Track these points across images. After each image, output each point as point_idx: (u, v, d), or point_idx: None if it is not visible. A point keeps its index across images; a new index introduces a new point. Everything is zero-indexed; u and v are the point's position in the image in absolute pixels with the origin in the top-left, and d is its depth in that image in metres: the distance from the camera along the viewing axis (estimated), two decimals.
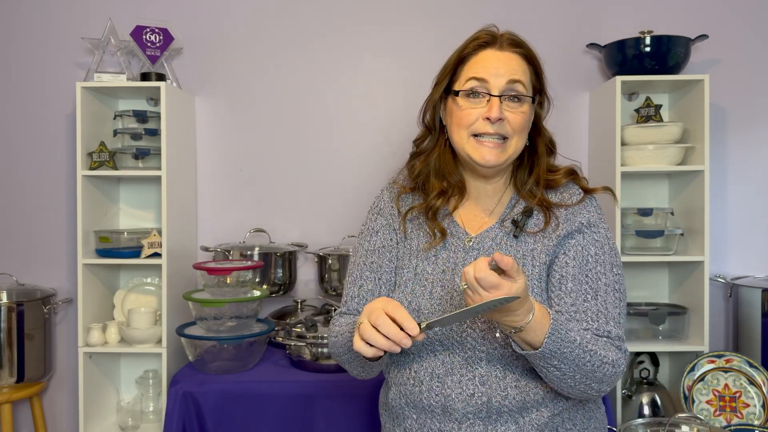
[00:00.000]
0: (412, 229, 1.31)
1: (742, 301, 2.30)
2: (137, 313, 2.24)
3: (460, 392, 1.18)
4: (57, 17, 2.52)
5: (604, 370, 1.13)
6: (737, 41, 2.47)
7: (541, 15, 2.50)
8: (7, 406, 2.26)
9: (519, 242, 1.23)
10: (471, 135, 1.22)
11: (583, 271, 1.20)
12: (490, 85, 1.20)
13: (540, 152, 1.29)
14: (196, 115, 2.53)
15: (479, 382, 1.18)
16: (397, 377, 1.27)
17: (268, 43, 2.53)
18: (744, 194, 2.49)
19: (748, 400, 2.07)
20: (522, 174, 1.30)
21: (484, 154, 1.21)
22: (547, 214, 1.24)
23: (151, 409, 2.37)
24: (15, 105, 2.53)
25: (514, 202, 1.29)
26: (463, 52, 1.26)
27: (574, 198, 1.27)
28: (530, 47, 1.27)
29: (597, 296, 1.18)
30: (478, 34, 1.26)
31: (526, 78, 1.23)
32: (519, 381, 1.18)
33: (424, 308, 1.21)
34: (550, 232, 1.23)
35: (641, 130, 2.26)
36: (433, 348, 1.21)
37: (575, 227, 1.22)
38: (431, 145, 1.32)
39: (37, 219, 2.53)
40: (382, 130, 2.50)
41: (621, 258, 1.70)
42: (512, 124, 1.21)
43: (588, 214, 1.25)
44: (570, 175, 1.30)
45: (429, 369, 1.21)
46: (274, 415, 1.88)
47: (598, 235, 1.23)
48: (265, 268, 2.34)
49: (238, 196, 2.54)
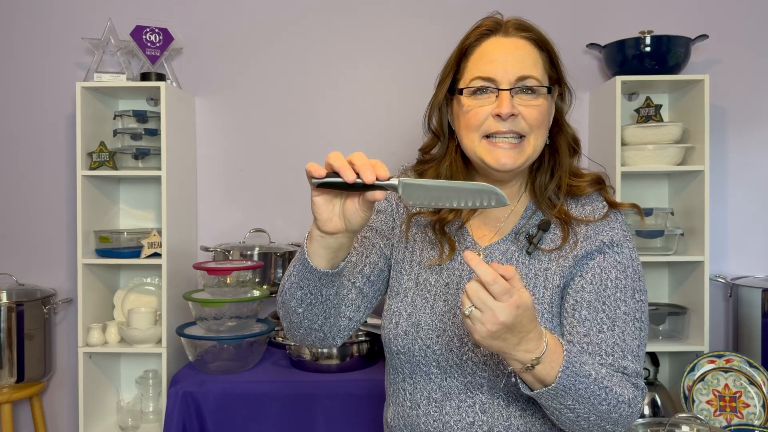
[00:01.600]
0: (417, 236, 1.17)
1: (742, 301, 2.30)
2: (137, 313, 2.24)
3: (459, 420, 1.07)
4: (57, 17, 2.52)
5: (620, 410, 0.99)
6: (737, 41, 2.47)
7: (540, 15, 2.48)
8: (7, 406, 2.26)
9: (532, 259, 1.09)
10: (482, 137, 1.06)
11: (600, 297, 1.05)
12: (498, 80, 1.05)
13: (562, 152, 1.12)
14: (196, 115, 2.53)
15: (480, 410, 1.06)
16: (394, 396, 1.17)
17: (269, 43, 2.53)
18: (744, 194, 2.49)
19: (748, 400, 2.07)
20: (542, 177, 1.13)
21: (499, 157, 1.05)
22: (566, 229, 1.09)
23: (151, 409, 2.37)
24: (15, 105, 2.53)
25: (531, 212, 1.13)
26: (464, 44, 1.11)
27: (597, 213, 1.11)
28: (541, 31, 1.13)
29: (614, 327, 1.04)
30: (480, 22, 1.12)
31: (539, 68, 1.08)
32: (524, 411, 1.06)
33: (424, 323, 1.09)
34: (567, 251, 1.08)
35: (641, 130, 2.26)
36: (429, 370, 1.09)
37: (596, 246, 1.07)
38: (441, 153, 1.17)
39: (37, 219, 2.53)
40: (382, 129, 2.50)
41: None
42: (528, 119, 1.05)
43: (612, 232, 1.09)
44: (597, 184, 1.13)
45: (425, 392, 1.10)
46: (274, 415, 1.88)
47: (621, 256, 1.07)
48: (265, 268, 2.34)
49: (238, 196, 2.54)
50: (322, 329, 1.10)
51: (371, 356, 2.01)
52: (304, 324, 1.08)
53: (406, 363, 1.11)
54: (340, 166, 0.89)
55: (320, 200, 0.94)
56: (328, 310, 1.07)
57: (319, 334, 1.11)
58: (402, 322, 1.11)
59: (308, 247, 0.99)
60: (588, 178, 1.13)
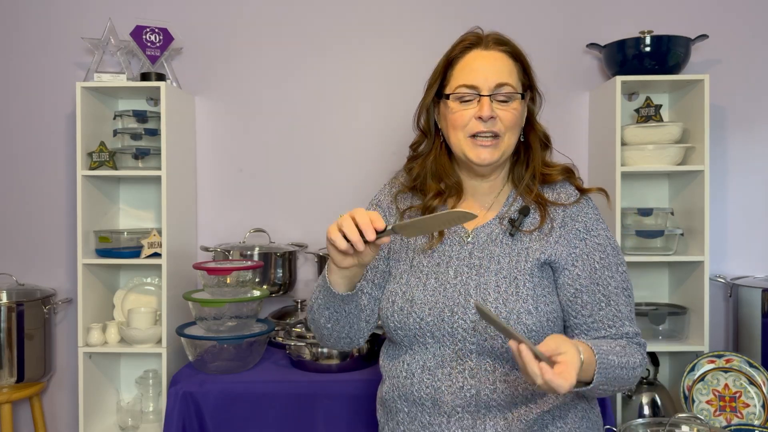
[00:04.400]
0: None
1: (742, 301, 2.30)
2: (137, 313, 2.24)
3: (450, 384, 1.20)
4: (57, 17, 2.52)
5: (635, 372, 1.19)
6: (737, 41, 2.47)
7: (541, 15, 2.50)
8: (7, 406, 2.26)
9: (514, 240, 1.26)
10: (467, 136, 1.24)
11: (594, 280, 1.23)
12: (480, 87, 1.23)
13: (535, 147, 1.32)
14: (196, 115, 2.53)
15: (468, 374, 1.20)
16: (391, 370, 1.30)
17: (269, 43, 2.53)
18: (744, 194, 2.49)
19: (748, 400, 2.07)
20: (519, 169, 1.32)
21: (479, 153, 1.24)
22: (543, 212, 1.27)
23: (151, 409, 2.37)
24: (15, 105, 2.53)
25: (512, 199, 1.31)
26: (450, 55, 1.29)
27: (571, 198, 1.29)
28: (515, 45, 1.30)
29: (610, 302, 1.22)
30: (464, 36, 1.30)
31: (514, 77, 1.26)
32: (508, 375, 1.20)
33: (418, 298, 1.24)
34: (545, 232, 1.25)
35: (641, 130, 2.26)
36: (425, 341, 1.23)
37: (573, 234, 1.25)
38: (427, 149, 1.35)
39: (37, 219, 2.53)
40: (383, 129, 2.50)
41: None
42: (504, 121, 1.23)
43: (585, 218, 1.27)
44: (566, 173, 1.32)
45: (420, 361, 1.24)
46: (274, 415, 1.88)
47: (599, 238, 1.26)
48: (265, 268, 2.34)
49: (238, 196, 2.54)
50: (349, 336, 1.31)
51: (371, 356, 2.01)
52: (333, 335, 1.30)
53: (404, 337, 1.25)
54: (351, 237, 1.07)
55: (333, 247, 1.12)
56: (351, 321, 1.28)
57: (347, 340, 1.32)
58: (398, 299, 1.26)
59: (329, 277, 1.19)
60: (558, 168, 1.32)
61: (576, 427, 1.24)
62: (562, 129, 2.50)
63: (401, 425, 1.26)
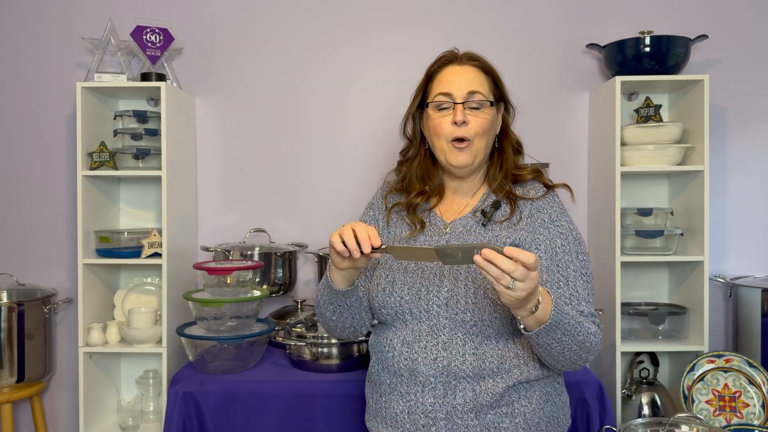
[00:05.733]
0: (396, 220, 1.51)
1: (742, 301, 2.30)
2: (137, 313, 2.24)
3: (425, 356, 1.34)
4: (57, 17, 2.52)
5: (590, 339, 1.30)
6: (737, 41, 2.47)
7: (541, 15, 2.50)
8: (7, 405, 2.26)
9: (486, 229, 1.41)
10: (448, 141, 1.41)
11: (554, 261, 1.36)
12: (454, 95, 1.40)
13: (507, 152, 1.49)
14: (196, 115, 2.53)
15: (441, 347, 1.33)
16: (376, 346, 1.45)
17: (268, 43, 2.53)
18: (744, 194, 2.49)
19: (748, 399, 2.08)
20: (493, 171, 1.49)
21: (456, 156, 1.41)
22: (513, 206, 1.42)
23: (152, 409, 2.38)
24: (15, 105, 2.53)
25: (486, 196, 1.47)
26: (430, 70, 1.47)
27: (538, 193, 1.45)
28: (486, 61, 1.46)
29: (568, 282, 1.35)
30: (442, 54, 1.47)
31: (485, 87, 1.43)
32: (477, 349, 1.33)
33: (398, 280, 1.40)
34: (514, 222, 1.41)
35: (641, 130, 2.26)
36: (404, 318, 1.38)
37: (539, 223, 1.40)
38: (413, 154, 1.52)
39: (37, 219, 2.53)
40: (382, 130, 2.50)
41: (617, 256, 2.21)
42: (474, 127, 1.39)
43: (550, 209, 1.42)
44: (534, 173, 1.48)
45: (401, 337, 1.38)
46: (274, 415, 1.88)
47: (561, 228, 1.40)
48: (265, 268, 2.34)
49: (238, 196, 2.55)
50: (353, 325, 1.48)
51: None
52: (338, 326, 1.48)
53: (387, 315, 1.41)
54: (349, 245, 1.26)
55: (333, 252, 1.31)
56: (353, 313, 1.45)
57: (351, 329, 1.50)
58: (382, 281, 1.42)
59: (330, 275, 1.38)
60: (528, 169, 1.48)
61: (540, 407, 1.36)
62: (562, 129, 2.51)
63: (383, 396, 1.40)
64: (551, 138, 2.48)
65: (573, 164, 2.49)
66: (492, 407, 1.31)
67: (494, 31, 2.50)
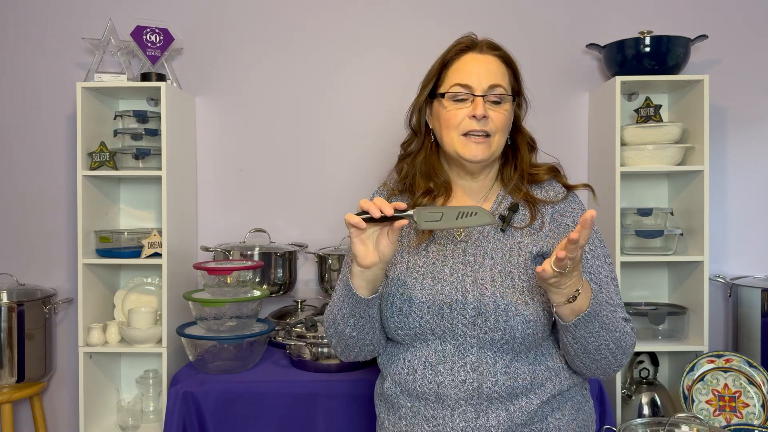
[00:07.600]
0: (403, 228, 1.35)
1: (742, 301, 2.30)
2: (137, 313, 2.24)
3: (453, 379, 1.23)
4: (57, 17, 2.52)
5: (627, 340, 1.24)
6: (737, 41, 2.47)
7: (541, 15, 2.50)
8: (7, 405, 2.26)
9: (506, 236, 1.30)
10: (460, 134, 1.29)
11: (586, 269, 1.28)
12: (473, 87, 1.28)
13: (522, 149, 1.37)
14: (196, 115, 2.53)
15: (470, 368, 1.23)
16: (391, 368, 1.32)
17: (268, 43, 2.53)
18: (744, 194, 2.49)
19: (748, 399, 2.08)
20: (508, 170, 1.38)
21: (472, 150, 1.28)
22: (533, 210, 1.32)
23: (152, 409, 2.38)
24: (15, 105, 2.53)
25: (501, 198, 1.36)
26: (446, 57, 1.34)
27: (558, 195, 1.35)
28: (507, 51, 1.35)
29: (601, 289, 1.27)
30: (459, 40, 1.35)
31: (506, 80, 1.32)
32: (508, 367, 1.23)
33: (416, 298, 1.27)
34: (537, 228, 1.31)
35: (641, 130, 2.27)
36: (426, 338, 1.27)
37: (563, 229, 1.31)
38: (417, 148, 1.40)
39: (37, 219, 2.53)
40: (382, 129, 2.50)
41: (616, 256, 2.20)
42: (495, 121, 1.29)
43: (573, 213, 1.33)
44: (552, 172, 1.38)
45: (422, 358, 1.27)
46: (274, 415, 1.88)
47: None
48: (265, 268, 2.34)
49: (238, 196, 2.55)
50: (372, 342, 1.33)
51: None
52: (358, 344, 1.32)
53: (405, 336, 1.28)
54: (367, 207, 1.15)
55: (357, 241, 1.17)
56: (374, 326, 1.30)
57: (371, 347, 1.34)
58: (396, 301, 1.28)
59: (352, 281, 1.22)
60: (545, 167, 1.38)
61: (573, 418, 1.29)
62: (562, 129, 2.51)
63: (404, 419, 1.28)
64: (551, 138, 2.46)
65: (573, 164, 2.49)
66: (527, 425, 1.23)
67: (494, 31, 2.47)
